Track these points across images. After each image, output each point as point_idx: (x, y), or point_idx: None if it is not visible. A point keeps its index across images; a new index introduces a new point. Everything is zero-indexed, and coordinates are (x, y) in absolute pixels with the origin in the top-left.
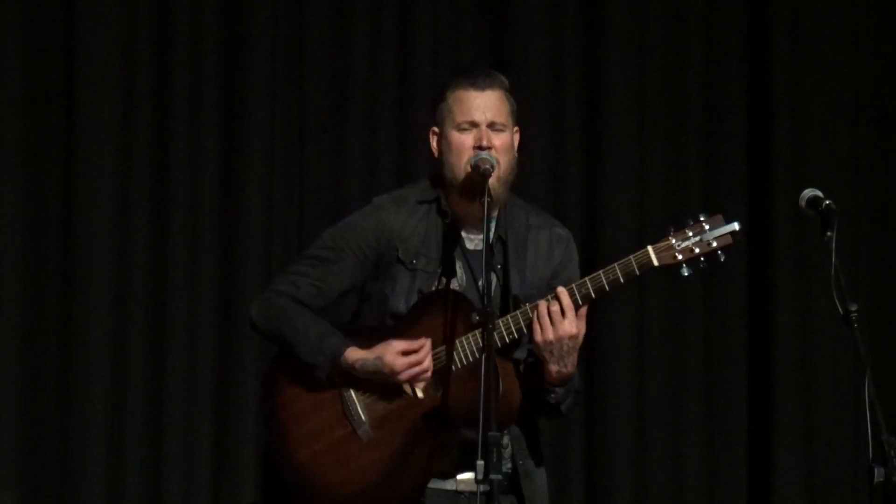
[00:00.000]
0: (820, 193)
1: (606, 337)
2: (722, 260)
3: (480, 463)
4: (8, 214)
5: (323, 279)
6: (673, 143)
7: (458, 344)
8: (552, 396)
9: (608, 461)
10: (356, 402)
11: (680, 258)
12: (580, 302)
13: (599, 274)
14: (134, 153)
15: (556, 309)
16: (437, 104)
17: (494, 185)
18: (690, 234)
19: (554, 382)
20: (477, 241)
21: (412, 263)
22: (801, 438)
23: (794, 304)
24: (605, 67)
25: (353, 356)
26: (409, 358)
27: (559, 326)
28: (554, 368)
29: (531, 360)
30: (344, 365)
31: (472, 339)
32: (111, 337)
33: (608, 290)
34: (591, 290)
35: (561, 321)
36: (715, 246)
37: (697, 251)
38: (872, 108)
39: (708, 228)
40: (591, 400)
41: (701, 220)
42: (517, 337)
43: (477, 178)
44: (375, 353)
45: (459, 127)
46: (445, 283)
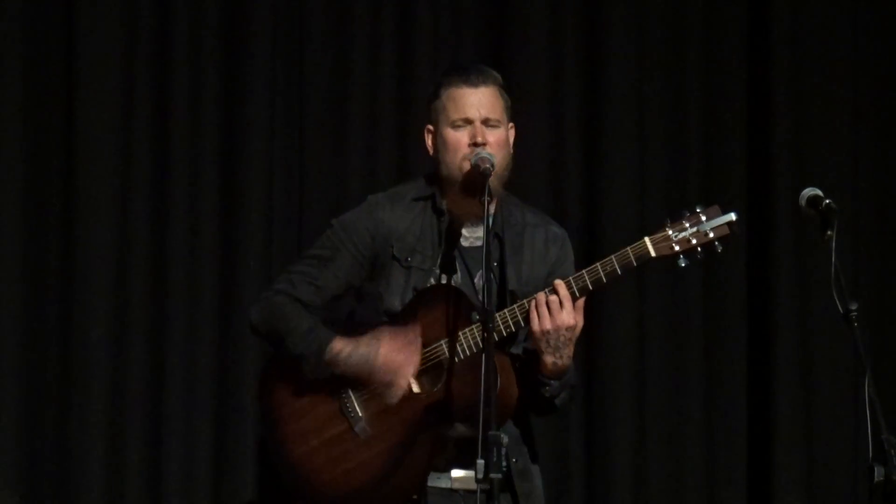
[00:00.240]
0: (820, 193)
1: (606, 337)
2: (719, 250)
3: (481, 462)
4: (8, 214)
5: (320, 278)
6: (673, 142)
7: (454, 339)
8: (547, 389)
9: (608, 461)
10: (353, 398)
11: (677, 249)
12: (577, 294)
13: (597, 266)
14: (134, 153)
15: (554, 299)
16: (430, 102)
17: (492, 181)
18: (687, 224)
19: (549, 374)
20: (472, 238)
21: (407, 261)
22: (801, 438)
23: (794, 304)
24: (605, 67)
25: (338, 346)
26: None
27: (557, 316)
28: (549, 360)
29: (525, 354)
30: (329, 355)
31: (469, 333)
32: (111, 337)
33: (605, 281)
34: (588, 282)
35: (559, 311)
36: (712, 237)
37: (694, 242)
38: (872, 108)
39: (705, 219)
40: (591, 400)
41: (698, 211)
42: (514, 331)
43: (477, 176)
44: (363, 343)
45: (454, 124)
46: (447, 279)
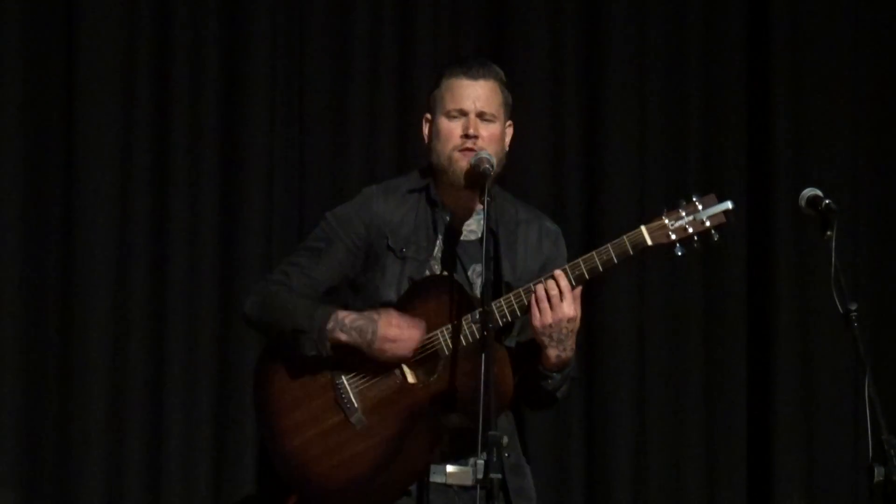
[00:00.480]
0: (820, 193)
1: (606, 337)
2: (716, 239)
3: (480, 462)
4: (8, 214)
5: (315, 269)
6: (673, 141)
7: (451, 330)
8: (549, 382)
9: (608, 460)
10: (348, 388)
11: (673, 238)
12: (574, 283)
13: (593, 254)
14: (134, 153)
15: (554, 293)
16: (431, 91)
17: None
18: (683, 213)
19: (552, 368)
20: (466, 231)
21: (402, 252)
22: (801, 438)
23: (794, 303)
24: (605, 67)
25: (342, 313)
26: (399, 335)
27: (558, 309)
28: (553, 353)
29: (518, 347)
30: (332, 322)
31: (465, 324)
32: (111, 337)
33: (601, 270)
34: (584, 270)
35: (559, 304)
36: (708, 225)
37: (691, 230)
38: (872, 107)
39: (701, 208)
40: (591, 400)
41: (694, 199)
42: (511, 321)
43: (476, 176)
44: (367, 315)
45: (449, 114)
46: (442, 272)
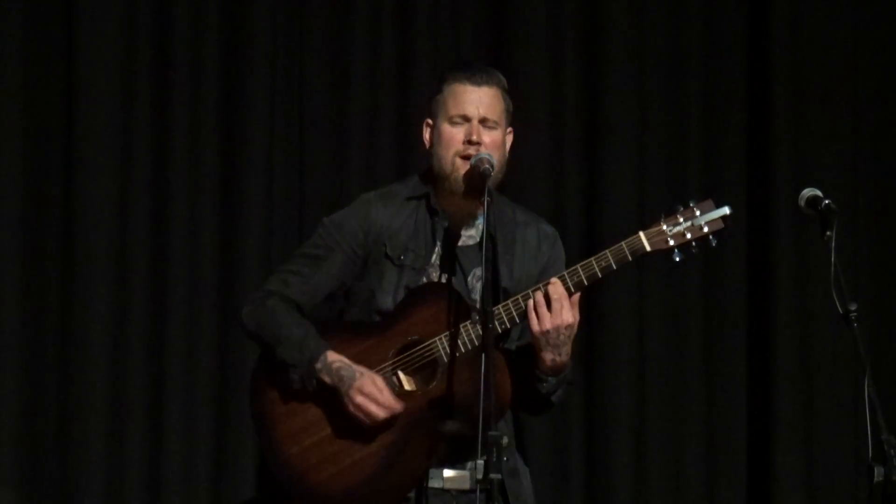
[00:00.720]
0: (819, 193)
1: (606, 337)
2: (714, 244)
3: (480, 462)
4: (8, 214)
5: (313, 277)
6: (673, 142)
7: (449, 337)
8: (544, 386)
9: (608, 460)
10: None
11: (672, 243)
12: (573, 289)
13: (591, 261)
14: (134, 153)
15: (553, 299)
16: (432, 95)
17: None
18: (681, 219)
19: (547, 371)
20: (465, 237)
21: (400, 259)
22: (801, 438)
23: (794, 304)
24: (605, 67)
25: (333, 356)
26: (375, 394)
27: (556, 316)
28: (549, 357)
29: (518, 351)
30: (321, 364)
31: (464, 331)
32: (111, 337)
33: (600, 276)
34: (583, 277)
35: (558, 310)
36: (706, 231)
37: (689, 236)
38: (872, 108)
39: (699, 213)
40: (591, 400)
41: (691, 205)
42: (509, 327)
43: (476, 177)
44: (359, 367)
45: (451, 120)
46: (441, 278)
